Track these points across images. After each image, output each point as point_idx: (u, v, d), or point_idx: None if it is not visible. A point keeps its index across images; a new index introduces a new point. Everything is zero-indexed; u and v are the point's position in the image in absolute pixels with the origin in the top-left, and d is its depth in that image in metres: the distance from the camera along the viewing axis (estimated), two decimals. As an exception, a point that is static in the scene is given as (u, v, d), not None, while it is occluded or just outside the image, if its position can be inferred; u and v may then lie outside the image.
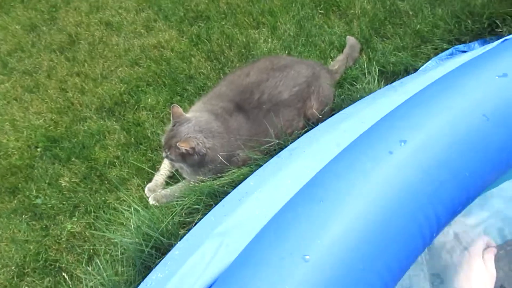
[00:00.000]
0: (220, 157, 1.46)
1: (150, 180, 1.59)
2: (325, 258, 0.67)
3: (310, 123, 1.58)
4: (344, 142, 0.91)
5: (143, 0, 2.16)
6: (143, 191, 1.57)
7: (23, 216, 1.55)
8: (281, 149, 1.37)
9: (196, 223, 1.28)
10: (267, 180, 1.15)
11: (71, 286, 1.37)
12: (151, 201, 1.53)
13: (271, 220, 0.80)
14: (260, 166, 1.30)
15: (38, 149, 1.71)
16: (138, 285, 1.05)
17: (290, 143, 1.34)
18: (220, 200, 1.26)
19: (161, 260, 1.11)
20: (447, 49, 1.81)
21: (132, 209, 1.33)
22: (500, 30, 1.76)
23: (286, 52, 1.89)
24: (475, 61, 0.88)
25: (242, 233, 1.00)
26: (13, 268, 1.44)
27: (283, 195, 0.89)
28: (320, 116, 1.57)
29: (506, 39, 1.22)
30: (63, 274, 1.40)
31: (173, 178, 1.58)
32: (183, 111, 1.51)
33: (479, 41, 1.72)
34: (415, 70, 1.76)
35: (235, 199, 1.20)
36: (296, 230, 0.70)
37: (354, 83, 1.72)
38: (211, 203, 1.40)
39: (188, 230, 1.34)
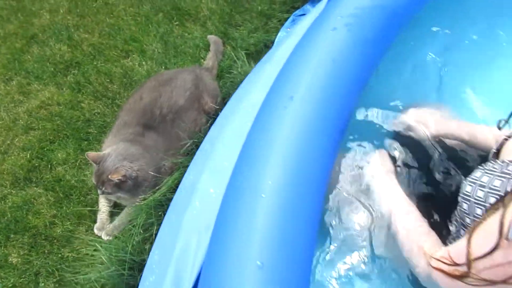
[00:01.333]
0: (150, 173, 1.64)
1: (95, 222, 1.70)
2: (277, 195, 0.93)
3: (211, 116, 1.83)
4: (248, 117, 1.18)
5: (7, 70, 2.18)
6: (93, 233, 1.67)
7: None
8: (197, 146, 1.60)
9: (156, 234, 1.47)
10: (202, 171, 1.38)
11: None
12: (105, 238, 1.65)
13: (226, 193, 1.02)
14: (187, 166, 1.52)
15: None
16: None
17: (204, 137, 1.58)
18: (169, 204, 1.46)
19: (144, 266, 1.28)
20: (288, 17, 2.19)
21: (101, 246, 1.46)
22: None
23: (163, 68, 2.10)
24: (314, 24, 1.21)
25: (203, 219, 1.21)
26: None
27: (223, 175, 1.12)
28: (217, 107, 1.83)
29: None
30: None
31: (116, 208, 1.71)
32: (96, 151, 1.66)
33: (310, 3, 2.11)
34: (272, 43, 2.11)
35: (183, 196, 1.40)
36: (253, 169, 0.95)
37: (230, 70, 2.01)
38: (160, 212, 1.59)
39: (151, 243, 1.51)
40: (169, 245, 1.26)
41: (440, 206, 1.06)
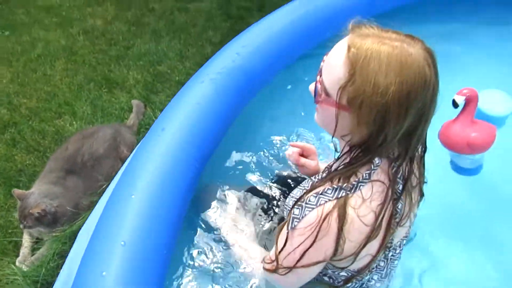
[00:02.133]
0: (68, 210, 1.93)
1: (17, 256, 1.92)
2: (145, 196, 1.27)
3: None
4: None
5: (-51, 129, 2.46)
6: (15, 266, 1.89)
7: None
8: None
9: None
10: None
11: None
12: (25, 268, 1.88)
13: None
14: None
15: None
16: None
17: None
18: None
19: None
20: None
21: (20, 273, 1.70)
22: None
23: (91, 126, 2.45)
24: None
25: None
26: None
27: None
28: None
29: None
30: None
31: (38, 244, 1.95)
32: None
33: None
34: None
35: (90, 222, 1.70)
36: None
37: (148, 127, 2.40)
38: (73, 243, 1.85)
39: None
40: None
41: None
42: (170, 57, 2.86)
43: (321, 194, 0.92)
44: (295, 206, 0.95)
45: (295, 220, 0.94)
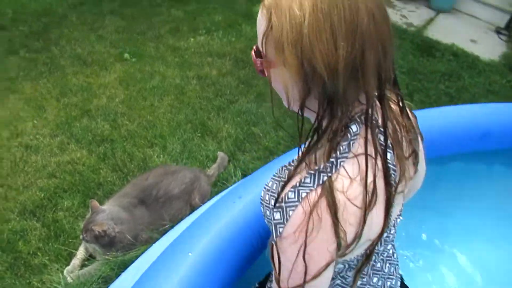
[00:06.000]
0: (127, 238, 1.97)
1: (68, 264, 1.99)
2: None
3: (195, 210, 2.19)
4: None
5: (57, 128, 2.71)
6: (62, 273, 1.95)
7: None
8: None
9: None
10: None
11: None
12: (69, 280, 1.92)
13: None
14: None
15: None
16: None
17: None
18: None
19: None
20: (286, 158, 2.65)
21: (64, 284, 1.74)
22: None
23: (175, 164, 2.55)
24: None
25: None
26: None
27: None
28: (202, 205, 2.21)
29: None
30: None
31: (90, 260, 2.01)
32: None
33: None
34: (266, 172, 2.54)
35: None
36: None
37: (225, 182, 2.44)
38: (121, 273, 1.87)
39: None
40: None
41: None
42: (266, 122, 2.93)
43: (299, 186, 0.78)
44: (274, 210, 0.80)
45: (279, 227, 0.79)
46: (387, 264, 1.07)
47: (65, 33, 3.58)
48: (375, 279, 1.05)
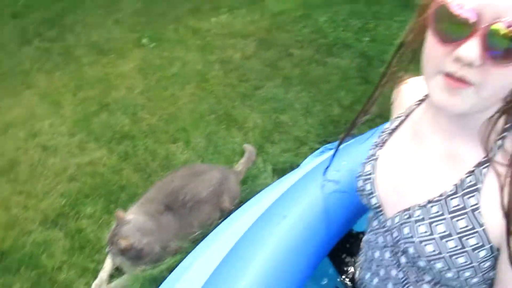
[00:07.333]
0: (156, 250, 1.84)
1: (95, 278, 1.87)
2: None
3: (225, 214, 2.04)
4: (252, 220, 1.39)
5: (75, 126, 2.57)
6: (89, 288, 1.84)
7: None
8: (204, 237, 1.79)
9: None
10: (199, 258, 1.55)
11: None
12: (98, 295, 1.82)
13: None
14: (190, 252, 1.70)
15: (-14, 264, 1.91)
16: None
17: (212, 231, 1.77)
18: (162, 282, 1.62)
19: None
20: (318, 148, 2.45)
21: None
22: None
23: (200, 160, 2.39)
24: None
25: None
26: None
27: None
28: (232, 208, 2.05)
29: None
30: None
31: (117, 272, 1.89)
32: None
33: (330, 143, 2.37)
34: (298, 165, 2.35)
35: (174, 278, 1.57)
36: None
37: (255, 179, 2.26)
38: (153, 287, 1.74)
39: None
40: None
41: None
42: (295, 108, 2.72)
43: None
44: None
45: None
46: None
47: (80, 18, 3.40)
48: None
